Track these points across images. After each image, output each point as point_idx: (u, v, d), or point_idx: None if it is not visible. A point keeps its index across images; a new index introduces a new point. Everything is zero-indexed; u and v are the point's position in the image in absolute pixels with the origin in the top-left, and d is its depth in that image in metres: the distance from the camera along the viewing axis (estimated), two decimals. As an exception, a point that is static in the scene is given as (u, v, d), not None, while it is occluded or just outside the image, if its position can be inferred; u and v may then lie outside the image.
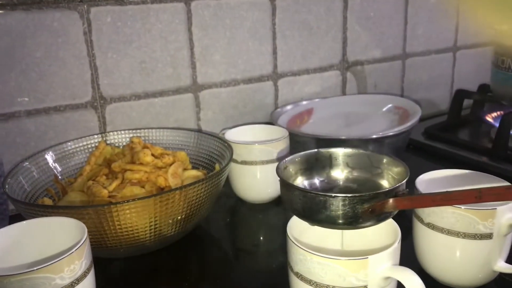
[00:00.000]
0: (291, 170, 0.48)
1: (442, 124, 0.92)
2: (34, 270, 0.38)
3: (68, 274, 0.40)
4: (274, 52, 0.84)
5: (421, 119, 0.78)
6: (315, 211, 0.40)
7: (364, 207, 0.39)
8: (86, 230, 0.44)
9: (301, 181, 0.49)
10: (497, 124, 0.78)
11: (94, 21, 0.69)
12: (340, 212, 0.39)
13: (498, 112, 0.86)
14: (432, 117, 1.00)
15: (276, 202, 0.70)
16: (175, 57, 0.76)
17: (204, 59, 0.78)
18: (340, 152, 0.50)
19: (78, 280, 0.41)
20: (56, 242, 0.46)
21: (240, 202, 0.71)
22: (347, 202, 0.39)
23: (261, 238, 0.65)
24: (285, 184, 0.43)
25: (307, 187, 0.48)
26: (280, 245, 0.59)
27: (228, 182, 0.69)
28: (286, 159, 0.48)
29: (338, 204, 0.39)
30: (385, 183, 0.47)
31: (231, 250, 0.62)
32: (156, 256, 0.57)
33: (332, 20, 0.88)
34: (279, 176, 0.44)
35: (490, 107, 0.91)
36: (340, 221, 0.40)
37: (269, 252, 0.60)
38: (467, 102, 0.94)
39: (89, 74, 0.71)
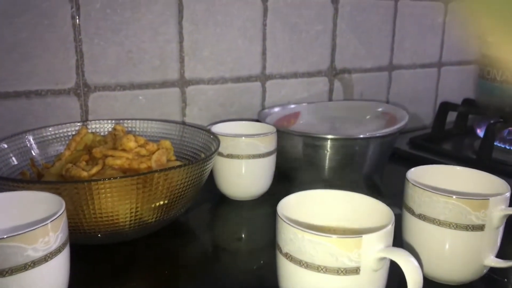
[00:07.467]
0: None
1: (427, 135, 0.92)
2: (4, 238, 0.36)
3: (42, 246, 0.38)
4: (264, 53, 0.84)
5: (405, 132, 0.78)
6: None
7: None
8: (64, 203, 0.41)
9: None
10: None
11: (83, 5, 0.67)
12: None
13: (484, 125, 0.87)
14: (415, 130, 1.00)
15: (261, 200, 0.68)
16: (163, 49, 0.74)
17: (193, 54, 0.77)
18: None
19: (52, 254, 0.39)
20: (32, 217, 0.43)
21: (223, 198, 0.69)
22: None
23: (243, 235, 0.62)
24: None
25: None
26: (261, 242, 0.57)
27: (212, 179, 0.67)
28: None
29: None
30: None
31: (211, 245, 0.59)
32: (134, 245, 0.55)
33: (322, 26, 0.88)
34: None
35: (474, 122, 0.92)
36: None
37: (251, 250, 0.58)
38: (450, 119, 0.95)
39: (74, 60, 0.69)
